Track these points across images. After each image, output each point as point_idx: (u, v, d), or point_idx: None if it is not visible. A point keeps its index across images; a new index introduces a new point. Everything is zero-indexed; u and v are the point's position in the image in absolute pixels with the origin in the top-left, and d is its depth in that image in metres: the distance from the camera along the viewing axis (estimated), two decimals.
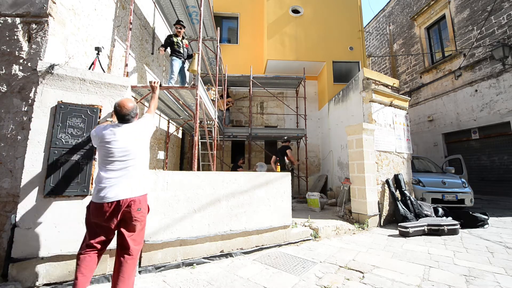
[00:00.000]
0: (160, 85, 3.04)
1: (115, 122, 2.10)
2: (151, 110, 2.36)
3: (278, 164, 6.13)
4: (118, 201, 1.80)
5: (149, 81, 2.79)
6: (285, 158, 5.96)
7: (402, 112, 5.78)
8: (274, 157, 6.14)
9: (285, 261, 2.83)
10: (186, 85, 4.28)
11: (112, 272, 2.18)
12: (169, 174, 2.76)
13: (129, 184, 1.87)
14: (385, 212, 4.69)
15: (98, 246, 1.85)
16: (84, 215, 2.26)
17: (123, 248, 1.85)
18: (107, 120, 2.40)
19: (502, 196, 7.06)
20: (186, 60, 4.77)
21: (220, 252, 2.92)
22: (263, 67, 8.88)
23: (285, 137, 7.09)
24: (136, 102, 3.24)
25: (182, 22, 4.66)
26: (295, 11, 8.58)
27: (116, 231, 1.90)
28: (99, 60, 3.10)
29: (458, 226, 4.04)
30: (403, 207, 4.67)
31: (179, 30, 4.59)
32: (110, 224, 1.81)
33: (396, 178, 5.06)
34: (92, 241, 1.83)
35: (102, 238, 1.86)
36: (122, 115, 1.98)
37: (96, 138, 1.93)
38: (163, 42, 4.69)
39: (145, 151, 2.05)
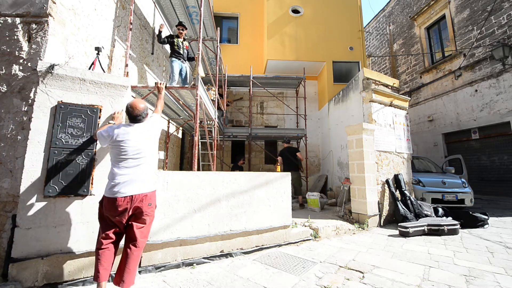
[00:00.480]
0: (166, 86, 3.09)
1: (116, 124, 2.16)
2: (158, 110, 2.47)
3: (279, 164, 6.13)
4: (132, 196, 1.91)
5: (155, 82, 2.85)
6: (296, 159, 5.97)
7: (402, 112, 5.77)
8: (280, 158, 6.15)
9: (285, 261, 2.83)
10: (186, 85, 4.30)
11: (113, 272, 2.20)
12: (169, 174, 2.76)
13: (142, 180, 1.99)
14: (385, 212, 4.69)
15: (113, 236, 1.95)
16: (84, 215, 2.30)
17: (131, 240, 1.96)
18: (109, 123, 2.40)
19: (502, 196, 7.06)
20: (186, 61, 4.78)
21: (220, 252, 2.92)
22: (263, 67, 8.87)
23: (286, 138, 7.09)
24: None
25: (184, 23, 4.67)
26: (295, 11, 8.57)
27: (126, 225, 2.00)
28: (99, 60, 3.09)
29: (458, 226, 4.04)
30: (403, 207, 4.67)
31: (181, 31, 4.61)
32: (122, 218, 1.92)
33: (396, 178, 5.06)
34: (107, 232, 1.94)
35: (116, 229, 1.97)
36: (134, 116, 2.09)
37: (108, 138, 2.01)
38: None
39: (154, 149, 2.17)
